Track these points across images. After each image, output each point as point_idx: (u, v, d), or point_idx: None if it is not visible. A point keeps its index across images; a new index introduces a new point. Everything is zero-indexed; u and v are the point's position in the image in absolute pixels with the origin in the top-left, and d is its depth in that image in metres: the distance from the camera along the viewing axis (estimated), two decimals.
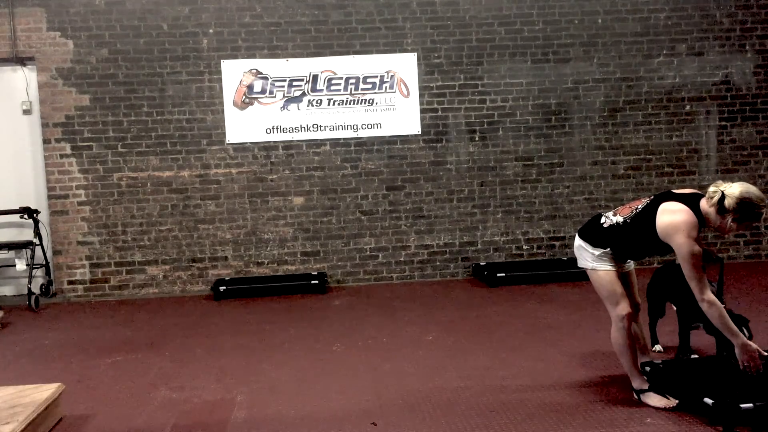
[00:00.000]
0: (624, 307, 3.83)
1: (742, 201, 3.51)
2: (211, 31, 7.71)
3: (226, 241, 7.81)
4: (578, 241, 3.99)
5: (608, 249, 3.84)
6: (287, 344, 5.47)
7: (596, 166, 8.10)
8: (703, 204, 3.62)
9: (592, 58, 8.04)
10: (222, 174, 7.79)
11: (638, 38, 8.07)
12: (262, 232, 7.84)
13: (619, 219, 3.83)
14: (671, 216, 3.59)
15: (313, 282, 7.44)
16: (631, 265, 4.06)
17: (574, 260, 4.29)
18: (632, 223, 3.77)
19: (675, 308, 4.56)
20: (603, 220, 3.92)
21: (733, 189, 3.54)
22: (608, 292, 3.86)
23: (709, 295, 3.54)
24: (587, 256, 3.91)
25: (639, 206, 3.81)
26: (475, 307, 6.50)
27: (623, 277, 3.95)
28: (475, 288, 7.39)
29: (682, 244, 3.53)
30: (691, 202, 3.64)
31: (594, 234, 3.90)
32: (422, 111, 7.90)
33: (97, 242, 7.72)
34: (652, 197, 3.83)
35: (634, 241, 3.80)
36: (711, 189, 3.61)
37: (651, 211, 3.70)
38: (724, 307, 3.67)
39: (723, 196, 3.54)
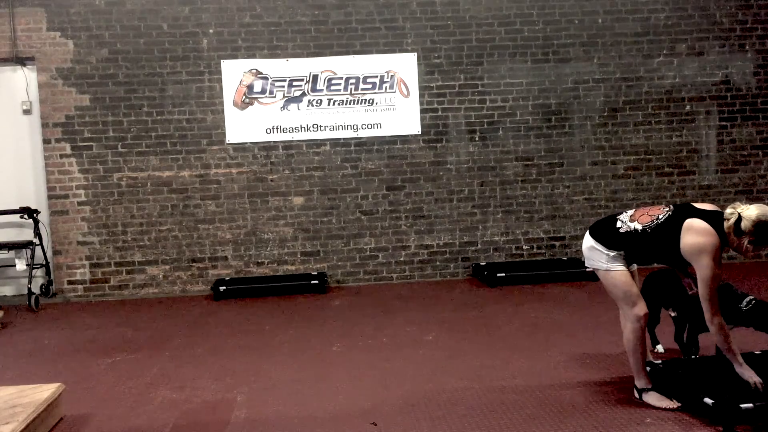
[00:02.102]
0: (642, 307, 3.83)
1: (759, 224, 3.48)
2: (211, 31, 7.71)
3: (226, 241, 7.81)
4: (590, 242, 3.94)
5: (622, 251, 3.83)
6: (287, 344, 5.47)
7: (596, 166, 8.10)
8: (724, 224, 3.59)
9: (592, 58, 8.04)
10: (222, 174, 7.79)
11: (638, 38, 8.07)
12: (262, 232, 7.84)
13: (638, 226, 3.79)
14: (698, 237, 3.57)
15: (313, 282, 7.44)
16: (634, 265, 4.05)
17: (574, 260, 4.29)
18: (652, 234, 3.74)
19: (671, 315, 4.56)
20: (619, 224, 3.87)
21: (750, 211, 3.50)
22: (624, 292, 3.84)
23: (720, 318, 3.58)
24: (601, 257, 3.88)
25: (660, 216, 3.76)
26: (475, 307, 6.50)
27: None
28: (475, 288, 7.39)
29: (706, 267, 3.53)
30: (715, 221, 3.60)
31: (609, 237, 3.87)
32: (422, 111, 7.90)
33: (97, 242, 7.71)
34: (673, 208, 3.79)
35: (652, 251, 3.80)
36: (728, 211, 3.58)
37: (674, 225, 3.66)
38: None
39: (739, 218, 3.51)
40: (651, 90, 8.11)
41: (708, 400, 3.48)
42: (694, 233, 3.58)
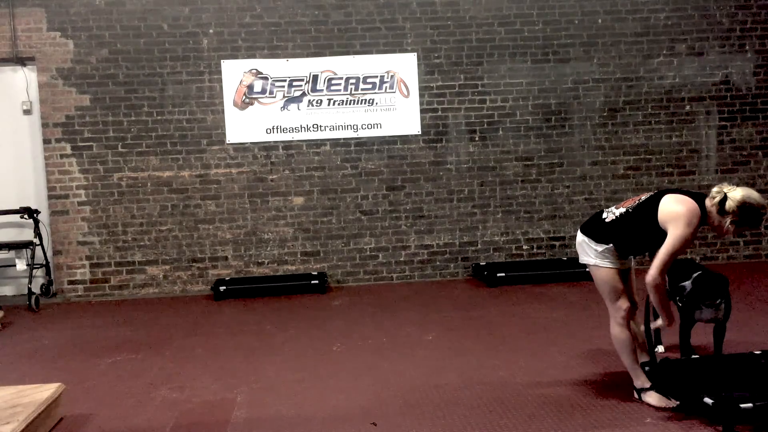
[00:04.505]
0: (623, 302, 3.88)
1: (743, 205, 3.54)
2: (211, 31, 7.71)
3: (226, 241, 7.81)
4: (580, 237, 4.00)
5: (611, 245, 3.85)
6: (287, 344, 5.47)
7: (596, 166, 8.10)
8: (707, 202, 3.66)
9: (592, 58, 8.04)
10: (222, 174, 7.79)
11: (638, 38, 8.07)
12: (262, 232, 7.84)
13: (622, 210, 3.88)
14: (675, 204, 3.66)
15: (313, 282, 7.44)
16: (631, 262, 4.06)
17: (574, 260, 4.30)
18: (634, 213, 3.82)
19: (679, 304, 4.55)
20: (605, 215, 3.95)
21: (736, 192, 3.56)
22: (609, 287, 3.89)
23: (660, 280, 3.64)
24: (590, 251, 3.93)
25: (642, 197, 3.88)
26: (475, 307, 6.50)
27: (623, 274, 3.96)
28: (475, 288, 7.39)
29: (678, 227, 3.59)
30: (696, 197, 3.69)
31: (596, 230, 3.92)
32: (422, 111, 7.90)
33: (97, 242, 7.72)
34: (657, 190, 3.90)
35: (635, 231, 3.83)
36: (714, 190, 3.65)
37: (654, 201, 3.76)
38: None
39: (725, 198, 3.55)
40: (651, 90, 8.11)
41: (708, 400, 3.48)
42: (673, 202, 3.68)
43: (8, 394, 3.89)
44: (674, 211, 3.63)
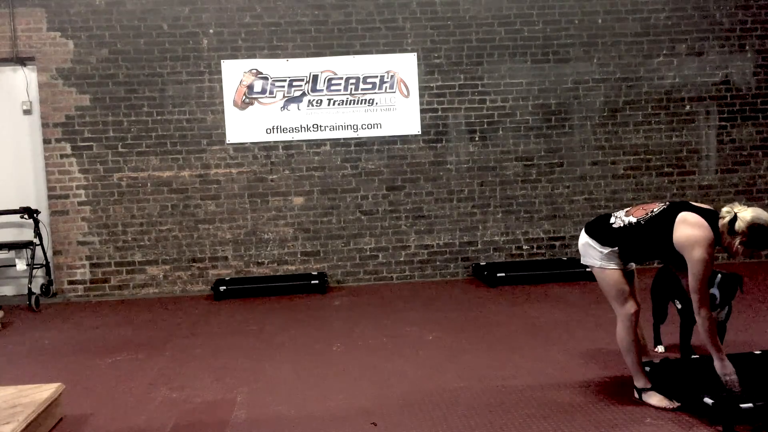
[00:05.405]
0: (632, 305, 3.86)
1: (752, 226, 3.50)
2: (211, 31, 7.71)
3: (226, 241, 7.81)
4: (585, 238, 3.97)
5: (616, 248, 3.84)
6: (287, 344, 5.47)
7: (596, 166, 8.10)
8: (719, 222, 3.61)
9: (592, 58, 8.04)
10: (222, 174, 7.79)
11: (638, 38, 8.07)
12: (262, 232, 7.84)
13: (632, 220, 3.83)
14: (692, 229, 3.59)
15: (313, 282, 7.44)
16: (632, 264, 4.06)
17: (574, 260, 4.30)
18: (646, 226, 3.77)
19: (677, 307, 4.56)
20: (613, 220, 3.91)
21: (746, 213, 3.53)
22: (616, 290, 3.86)
23: (708, 311, 3.61)
24: (594, 254, 3.91)
25: (654, 210, 3.81)
26: (475, 307, 6.50)
27: (628, 275, 3.95)
28: (475, 288, 7.39)
29: (698, 260, 3.55)
30: (710, 217, 3.63)
31: (603, 233, 3.90)
32: (422, 111, 7.90)
33: (97, 242, 7.72)
34: (668, 203, 3.84)
35: (645, 244, 3.80)
36: (725, 209, 3.61)
37: (668, 217, 3.70)
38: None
39: (734, 218, 3.54)
40: (651, 90, 8.11)
41: (708, 400, 3.48)
42: (688, 226, 3.61)
43: (8, 394, 3.89)
44: (690, 239, 3.57)
